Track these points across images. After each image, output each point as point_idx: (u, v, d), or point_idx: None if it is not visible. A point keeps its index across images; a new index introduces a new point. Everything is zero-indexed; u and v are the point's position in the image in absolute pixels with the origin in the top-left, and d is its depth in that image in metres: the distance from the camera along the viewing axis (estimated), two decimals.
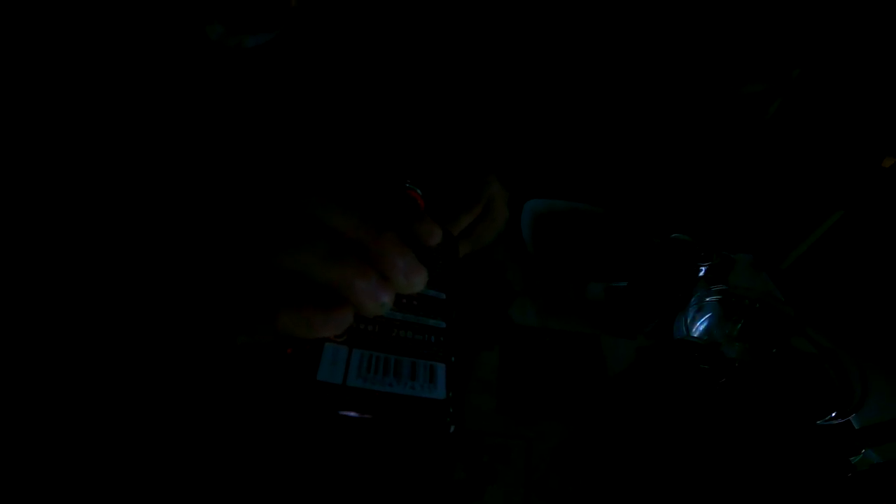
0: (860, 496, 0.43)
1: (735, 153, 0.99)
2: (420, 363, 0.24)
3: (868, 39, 0.89)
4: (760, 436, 0.47)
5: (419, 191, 0.37)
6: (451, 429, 0.23)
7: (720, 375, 0.49)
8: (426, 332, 0.26)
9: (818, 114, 0.96)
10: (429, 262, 0.24)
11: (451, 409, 0.23)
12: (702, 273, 0.56)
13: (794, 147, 0.99)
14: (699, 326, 0.59)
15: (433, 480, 0.28)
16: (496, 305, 0.61)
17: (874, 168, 0.96)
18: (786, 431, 0.48)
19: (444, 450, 0.24)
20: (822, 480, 0.45)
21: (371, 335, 0.25)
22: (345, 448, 0.22)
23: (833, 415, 0.49)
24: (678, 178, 0.97)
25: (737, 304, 0.60)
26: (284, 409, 0.20)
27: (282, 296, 0.21)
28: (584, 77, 0.88)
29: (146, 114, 0.36)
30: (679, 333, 0.58)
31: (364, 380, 0.22)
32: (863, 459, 0.49)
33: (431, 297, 0.29)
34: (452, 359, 0.26)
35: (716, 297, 0.60)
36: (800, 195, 0.99)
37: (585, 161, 0.90)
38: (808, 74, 0.94)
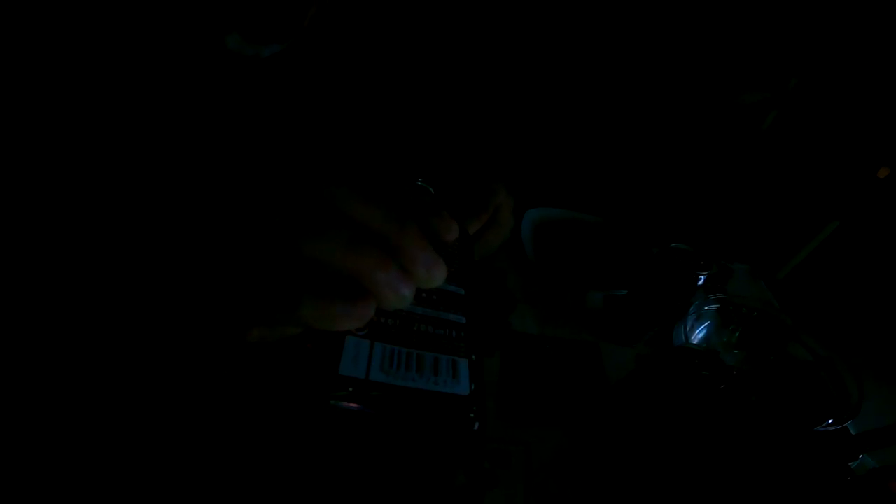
0: (858, 501, 0.44)
1: (733, 163, 1.00)
2: (443, 358, 0.24)
3: (864, 50, 0.90)
4: (759, 442, 0.47)
5: (431, 189, 0.37)
6: (476, 425, 0.22)
7: (719, 382, 0.49)
8: (446, 327, 0.26)
9: (814, 124, 0.97)
10: (446, 258, 0.23)
11: (475, 406, 0.22)
12: (700, 282, 0.57)
13: (791, 157, 1.00)
14: (698, 334, 0.60)
15: (438, 483, 0.28)
16: (497, 312, 0.62)
17: (869, 178, 0.97)
18: (784, 437, 0.48)
19: (469, 446, 0.23)
20: (821, 485, 0.45)
21: (392, 329, 0.24)
22: (364, 443, 0.22)
23: (830, 421, 0.49)
24: (677, 189, 0.99)
25: (735, 313, 0.61)
26: (307, 403, 0.20)
27: (305, 283, 0.21)
28: (584, 87, 0.90)
29: (173, 114, 0.37)
30: (678, 341, 0.58)
31: (387, 374, 0.22)
32: (860, 465, 0.49)
33: (451, 292, 0.28)
34: (473, 357, 0.25)
35: (714, 306, 0.61)
36: (796, 205, 1.00)
37: (585, 170, 0.91)
38: (805, 84, 0.95)
